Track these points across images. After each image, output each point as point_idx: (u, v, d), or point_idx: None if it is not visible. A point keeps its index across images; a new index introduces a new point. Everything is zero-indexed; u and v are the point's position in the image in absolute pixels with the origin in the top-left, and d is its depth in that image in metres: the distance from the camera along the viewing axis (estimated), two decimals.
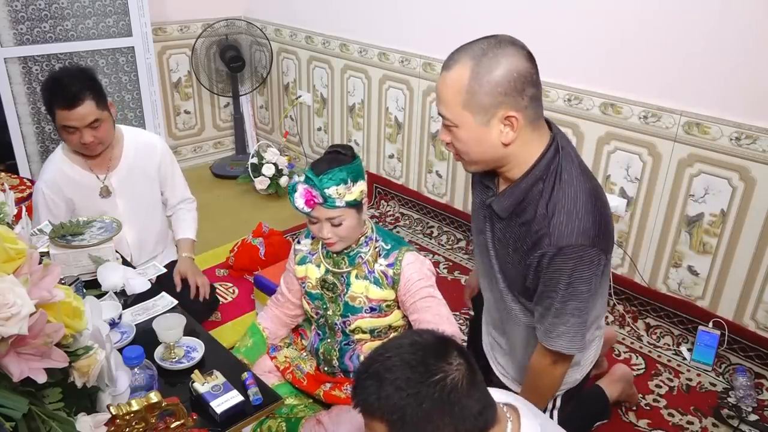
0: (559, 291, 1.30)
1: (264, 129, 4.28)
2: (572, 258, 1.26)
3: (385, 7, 3.10)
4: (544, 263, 1.29)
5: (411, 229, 3.24)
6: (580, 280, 1.29)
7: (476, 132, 1.26)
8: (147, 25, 3.29)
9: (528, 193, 1.32)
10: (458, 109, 1.25)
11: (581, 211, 1.27)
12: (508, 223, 1.38)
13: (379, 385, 0.92)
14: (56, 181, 2.06)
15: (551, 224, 1.27)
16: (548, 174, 1.30)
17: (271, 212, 3.46)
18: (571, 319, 1.34)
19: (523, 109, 1.24)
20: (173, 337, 1.43)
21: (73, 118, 1.93)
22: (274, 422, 1.70)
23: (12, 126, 3.05)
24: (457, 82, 1.23)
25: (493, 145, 1.28)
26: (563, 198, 1.28)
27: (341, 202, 1.54)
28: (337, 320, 1.72)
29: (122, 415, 1.03)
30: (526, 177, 1.31)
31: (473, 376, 0.94)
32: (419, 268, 1.64)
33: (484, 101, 1.22)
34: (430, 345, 0.95)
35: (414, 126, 3.17)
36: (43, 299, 0.90)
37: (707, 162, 2.18)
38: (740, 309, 2.24)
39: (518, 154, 1.30)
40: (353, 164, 1.57)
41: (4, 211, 1.23)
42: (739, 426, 1.97)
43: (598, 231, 1.28)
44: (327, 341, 1.78)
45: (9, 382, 0.89)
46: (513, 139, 1.26)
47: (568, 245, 1.25)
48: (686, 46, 2.13)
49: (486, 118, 1.24)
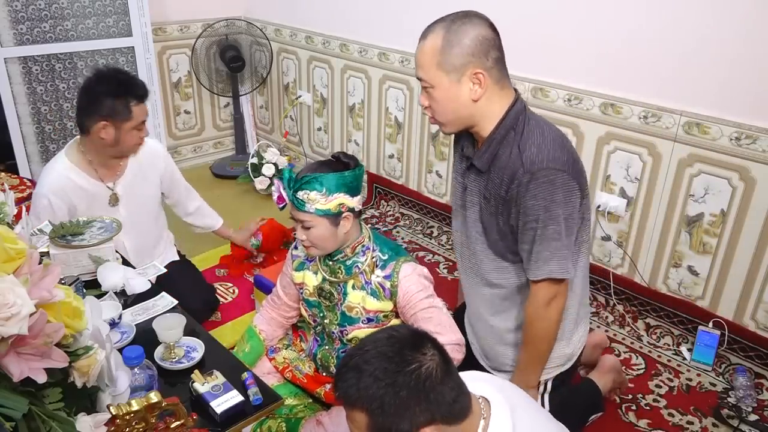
0: (538, 219, 1.43)
1: (264, 129, 4.28)
2: (544, 182, 1.40)
3: (385, 7, 3.10)
4: (521, 192, 1.43)
5: (411, 229, 3.24)
6: (554, 203, 1.41)
7: (449, 90, 1.45)
8: (147, 25, 3.29)
9: (502, 142, 1.48)
10: (433, 71, 1.44)
11: (549, 144, 1.44)
12: (488, 176, 1.52)
13: (359, 376, 0.98)
14: (63, 188, 2.03)
15: (523, 157, 1.43)
16: (517, 123, 1.47)
17: (271, 212, 3.46)
18: (553, 243, 1.45)
19: (488, 69, 1.43)
20: (173, 337, 1.43)
21: (145, 111, 2.04)
22: (274, 422, 1.70)
23: (12, 126, 3.05)
24: (432, 47, 1.43)
25: (464, 101, 1.46)
26: (532, 136, 1.45)
27: (311, 208, 1.53)
28: (334, 329, 1.72)
29: (122, 415, 1.03)
30: (498, 128, 1.48)
31: (447, 366, 1.00)
32: (417, 280, 1.63)
33: (456, 62, 1.42)
34: (406, 338, 1.02)
35: (414, 126, 3.17)
36: (43, 299, 0.90)
37: (707, 162, 2.18)
38: (740, 309, 2.24)
39: (486, 111, 1.48)
40: (340, 175, 1.53)
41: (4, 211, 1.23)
42: (739, 426, 1.97)
43: (567, 158, 1.44)
44: (325, 348, 1.77)
45: (9, 382, 0.89)
46: (481, 95, 1.45)
47: (539, 169, 1.40)
48: (686, 45, 2.13)
49: (457, 76, 1.43)
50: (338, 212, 1.55)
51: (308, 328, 1.86)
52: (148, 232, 2.30)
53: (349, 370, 1.00)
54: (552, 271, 1.48)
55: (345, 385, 0.99)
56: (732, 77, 2.06)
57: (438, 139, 3.07)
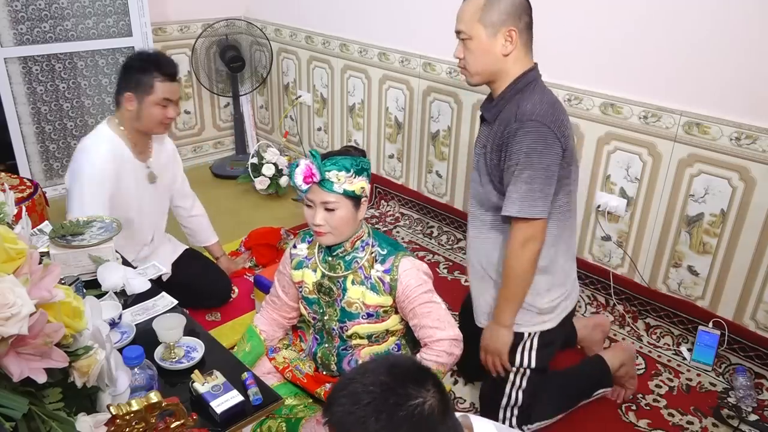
0: (518, 162, 1.62)
1: (264, 129, 4.28)
2: (530, 131, 1.60)
3: (385, 7, 3.11)
4: (510, 137, 1.63)
5: (411, 229, 3.24)
6: (535, 152, 1.60)
7: (485, 43, 1.65)
8: (147, 25, 3.30)
9: (509, 102, 1.69)
10: (474, 24, 1.65)
11: (544, 104, 1.64)
12: (492, 128, 1.72)
13: (356, 404, 0.92)
14: (115, 158, 2.12)
15: (518, 111, 1.64)
16: (526, 88, 1.68)
17: (271, 212, 3.46)
18: (523, 186, 1.62)
19: (520, 30, 1.65)
20: (173, 337, 1.43)
21: (173, 90, 2.11)
22: (274, 422, 1.70)
23: (12, 126, 3.06)
24: (476, 3, 1.65)
25: (496, 55, 1.66)
26: (531, 97, 1.66)
27: (339, 188, 1.56)
28: (334, 325, 1.72)
29: (122, 415, 1.03)
30: (510, 89, 1.69)
31: (446, 404, 0.96)
32: (416, 274, 1.64)
33: (494, 18, 1.63)
34: (409, 370, 0.97)
35: (414, 126, 3.17)
36: (43, 299, 0.90)
37: (707, 162, 2.18)
38: (740, 309, 2.24)
39: (509, 69, 1.68)
40: (361, 159, 1.60)
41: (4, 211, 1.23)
42: (739, 426, 1.97)
43: (554, 118, 1.63)
44: (325, 346, 1.77)
45: (9, 382, 0.89)
46: (511, 50, 1.66)
47: (528, 120, 1.61)
48: (686, 46, 2.13)
49: (493, 31, 1.64)
50: (361, 195, 1.60)
51: (307, 328, 1.86)
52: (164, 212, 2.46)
53: (347, 396, 0.94)
54: (518, 211, 1.64)
55: (341, 410, 0.93)
56: (732, 77, 2.06)
57: (438, 139, 3.07)
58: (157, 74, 2.07)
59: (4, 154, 3.23)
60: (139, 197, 2.23)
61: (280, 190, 3.58)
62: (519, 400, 1.86)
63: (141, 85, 2.08)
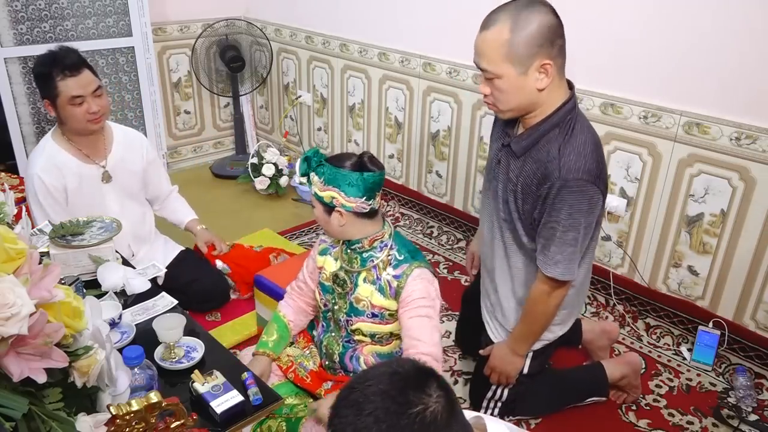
0: (561, 222, 1.52)
1: (264, 129, 4.28)
2: (575, 191, 1.48)
3: (385, 7, 3.11)
4: (552, 194, 1.50)
5: (411, 229, 3.24)
6: (580, 212, 1.50)
7: (516, 81, 1.47)
8: (147, 25, 3.29)
9: (544, 136, 1.54)
10: (500, 62, 1.45)
11: (588, 155, 1.49)
12: (523, 161, 1.59)
13: (357, 414, 0.91)
14: (53, 169, 2.05)
15: (561, 161, 1.49)
16: (564, 122, 1.52)
17: (271, 212, 3.46)
18: (569, 249, 1.56)
19: (554, 57, 1.46)
20: (173, 337, 1.43)
21: (80, 84, 1.97)
22: (274, 422, 1.70)
23: (12, 126, 3.05)
24: (498, 38, 1.43)
25: (530, 91, 1.49)
26: (574, 142, 1.50)
27: (313, 189, 1.63)
28: (342, 317, 1.73)
29: (122, 415, 1.03)
30: (545, 122, 1.53)
31: (452, 407, 0.94)
32: (424, 287, 1.62)
33: (523, 52, 1.43)
34: (410, 376, 0.95)
35: (414, 126, 3.17)
36: (43, 299, 0.90)
37: (707, 162, 2.18)
38: (740, 309, 2.24)
39: (546, 101, 1.52)
40: (342, 172, 1.56)
41: (4, 211, 1.23)
42: (739, 426, 1.97)
43: (599, 174, 1.51)
44: (331, 335, 1.79)
45: (9, 382, 0.89)
46: (547, 84, 1.48)
47: (574, 179, 1.47)
48: (686, 46, 2.13)
49: (524, 68, 1.45)
50: (331, 204, 1.60)
51: (313, 324, 1.88)
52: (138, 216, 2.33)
53: (348, 406, 0.93)
54: (561, 273, 1.59)
55: (342, 422, 0.92)
56: (732, 77, 2.06)
57: (438, 139, 3.07)
58: (57, 73, 1.94)
59: (4, 154, 3.22)
60: (98, 199, 2.15)
61: (280, 190, 3.58)
62: (503, 396, 1.89)
63: (48, 90, 1.97)
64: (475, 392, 1.98)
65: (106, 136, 2.18)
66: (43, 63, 2.00)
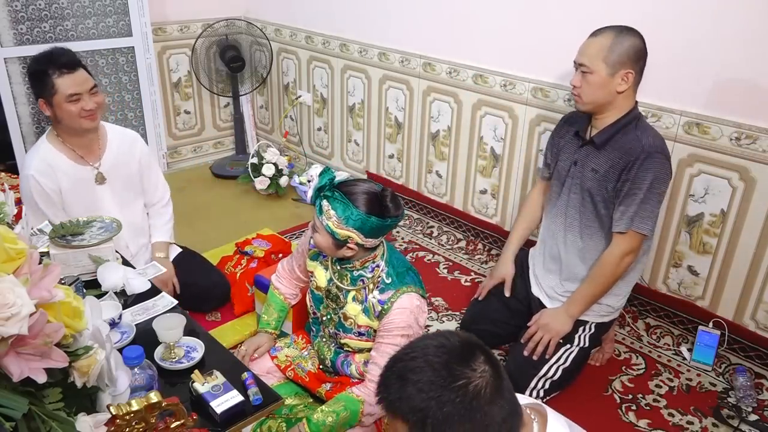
0: (644, 188, 1.83)
1: (264, 129, 4.28)
2: (657, 163, 1.82)
3: (386, 8, 3.10)
4: (636, 165, 1.83)
5: (411, 229, 3.24)
6: (658, 179, 1.83)
7: (604, 79, 1.84)
8: (147, 25, 3.30)
9: (620, 131, 1.90)
10: (597, 61, 1.84)
11: (660, 140, 1.88)
12: (605, 152, 1.92)
13: (402, 385, 0.93)
14: (46, 170, 2.05)
15: (642, 142, 1.85)
16: (633, 121, 1.91)
17: (271, 212, 3.46)
18: (648, 207, 1.85)
19: (636, 72, 1.85)
20: (173, 337, 1.43)
21: (76, 82, 1.98)
22: (274, 422, 1.70)
23: (12, 126, 3.05)
24: (602, 43, 1.84)
25: (610, 91, 1.86)
26: (649, 130, 1.90)
27: (324, 220, 1.56)
28: (332, 328, 1.74)
29: (122, 415, 1.03)
30: (618, 121, 1.90)
31: (498, 383, 0.94)
32: (407, 316, 1.60)
33: (616, 59, 1.83)
34: (456, 349, 0.95)
35: (414, 126, 3.17)
36: (43, 299, 0.90)
37: (707, 162, 2.18)
38: (740, 309, 2.24)
39: (619, 105, 1.89)
40: (367, 217, 1.53)
41: (4, 211, 1.23)
42: (739, 426, 1.97)
43: (669, 154, 1.88)
44: (323, 340, 1.79)
45: (9, 382, 0.89)
46: (624, 89, 1.86)
47: (656, 152, 1.83)
48: (686, 46, 2.13)
49: (613, 71, 1.83)
50: (345, 241, 1.57)
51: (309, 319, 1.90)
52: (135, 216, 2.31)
53: (392, 376, 0.95)
54: (640, 226, 1.86)
55: (388, 391, 0.95)
56: (732, 77, 2.06)
57: (438, 139, 3.07)
58: (53, 71, 1.96)
59: (4, 154, 3.22)
60: (92, 200, 2.14)
61: (280, 190, 3.58)
62: (557, 375, 2.01)
63: (44, 88, 1.98)
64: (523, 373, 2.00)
65: (101, 137, 2.17)
66: (38, 61, 2.01)
